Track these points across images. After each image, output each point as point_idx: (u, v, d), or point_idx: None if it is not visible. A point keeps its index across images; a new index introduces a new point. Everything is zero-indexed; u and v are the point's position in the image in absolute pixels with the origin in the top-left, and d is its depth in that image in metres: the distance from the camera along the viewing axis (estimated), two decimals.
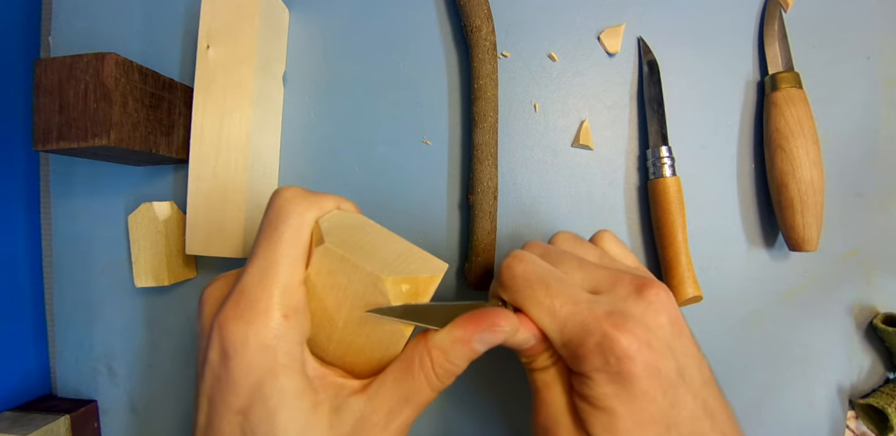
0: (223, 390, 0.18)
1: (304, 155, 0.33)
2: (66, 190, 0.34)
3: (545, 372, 0.21)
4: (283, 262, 0.18)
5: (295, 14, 0.33)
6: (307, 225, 0.19)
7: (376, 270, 0.18)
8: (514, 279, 0.20)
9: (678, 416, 0.17)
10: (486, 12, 0.30)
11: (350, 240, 0.19)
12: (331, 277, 0.19)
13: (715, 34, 0.32)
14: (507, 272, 0.21)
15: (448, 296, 0.32)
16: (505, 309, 0.20)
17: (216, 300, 0.20)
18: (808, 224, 0.29)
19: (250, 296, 0.18)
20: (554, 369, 0.21)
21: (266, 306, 0.18)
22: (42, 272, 0.35)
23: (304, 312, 0.19)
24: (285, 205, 0.19)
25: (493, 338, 0.19)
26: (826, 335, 0.32)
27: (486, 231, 0.30)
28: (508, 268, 0.21)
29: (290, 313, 0.18)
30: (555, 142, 0.32)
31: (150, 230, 0.31)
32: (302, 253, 0.19)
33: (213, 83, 0.29)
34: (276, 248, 0.18)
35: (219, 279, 0.21)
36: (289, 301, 0.18)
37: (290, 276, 0.18)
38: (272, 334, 0.17)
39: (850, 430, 0.33)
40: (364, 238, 0.20)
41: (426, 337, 0.20)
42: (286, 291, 0.18)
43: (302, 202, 0.19)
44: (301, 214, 0.19)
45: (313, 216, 0.19)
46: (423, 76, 0.33)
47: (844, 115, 0.32)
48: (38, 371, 0.34)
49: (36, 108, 0.26)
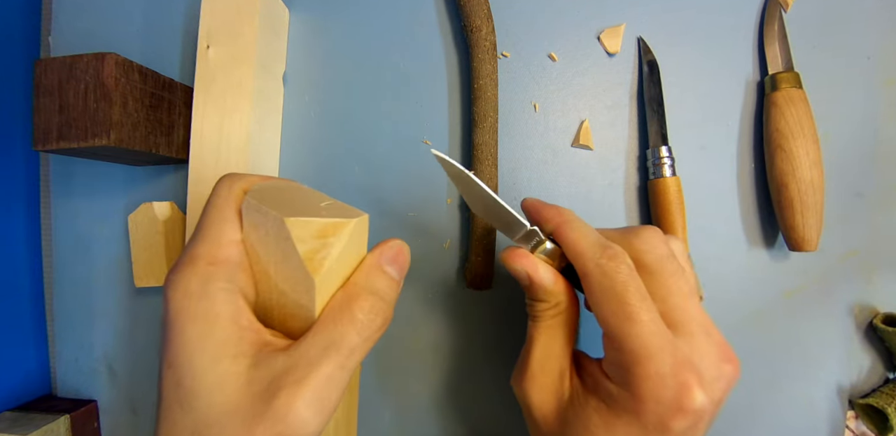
0: (161, 347, 0.18)
1: (304, 155, 0.33)
2: (66, 190, 0.34)
3: (551, 320, 0.22)
4: (210, 225, 0.19)
5: (295, 14, 0.33)
6: (235, 194, 0.20)
7: (281, 213, 0.18)
8: (618, 274, 0.19)
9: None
10: (486, 12, 0.30)
11: (272, 195, 0.19)
12: (255, 231, 0.19)
13: (715, 34, 0.32)
14: (614, 265, 0.19)
15: (448, 296, 0.32)
16: (520, 249, 0.22)
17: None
18: (808, 224, 0.29)
19: (182, 255, 0.19)
20: (560, 319, 0.22)
21: (191, 257, 0.18)
22: (42, 272, 0.35)
23: (235, 265, 0.19)
24: (217, 183, 0.20)
25: (403, 262, 0.20)
26: (826, 335, 0.32)
27: (486, 231, 0.30)
28: (620, 262, 0.19)
29: (214, 262, 0.18)
30: (555, 142, 0.32)
31: (150, 230, 0.31)
32: (231, 216, 0.19)
33: (213, 83, 0.29)
34: (206, 215, 0.20)
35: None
36: (215, 252, 0.19)
37: (218, 234, 0.19)
38: (198, 280, 0.18)
39: (849, 430, 0.33)
40: (287, 195, 0.20)
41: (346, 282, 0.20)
42: (212, 244, 0.19)
43: (230, 177, 0.20)
44: (229, 187, 0.20)
45: (241, 187, 0.20)
46: (423, 76, 0.33)
47: (844, 115, 0.32)
48: (38, 371, 0.34)
49: (36, 108, 0.26)
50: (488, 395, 0.32)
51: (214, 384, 0.17)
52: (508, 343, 0.32)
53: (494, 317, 0.32)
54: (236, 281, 0.19)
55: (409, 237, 0.32)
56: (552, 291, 0.22)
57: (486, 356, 0.32)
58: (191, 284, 0.18)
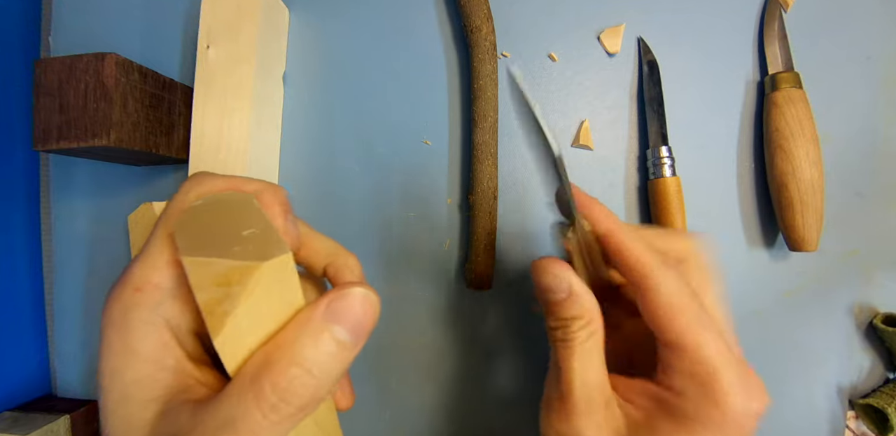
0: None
1: (304, 155, 0.33)
2: (66, 190, 0.34)
3: (588, 341, 0.19)
4: (152, 242, 0.17)
5: (295, 14, 0.33)
6: (187, 204, 0.18)
7: (187, 246, 0.15)
8: (688, 285, 0.19)
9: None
10: (486, 12, 0.30)
11: (202, 218, 0.17)
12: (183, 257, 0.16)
13: (715, 34, 0.32)
14: (680, 276, 0.19)
15: (448, 296, 0.32)
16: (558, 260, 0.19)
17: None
18: (808, 224, 0.29)
19: (120, 275, 0.17)
20: (596, 338, 0.19)
21: (122, 281, 0.16)
22: (42, 272, 0.35)
23: (167, 291, 0.16)
24: (179, 187, 0.18)
25: (361, 319, 0.15)
26: (826, 335, 0.32)
27: (487, 231, 0.30)
28: (682, 273, 0.19)
29: (143, 287, 0.16)
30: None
31: (150, 230, 0.31)
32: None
33: (213, 83, 0.29)
34: (154, 231, 0.18)
35: None
36: (148, 276, 0.16)
37: (158, 253, 0.17)
38: (119, 308, 0.16)
39: (850, 430, 0.33)
40: (220, 217, 0.17)
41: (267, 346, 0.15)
42: (148, 266, 0.16)
43: (191, 180, 0.18)
44: (184, 194, 0.18)
45: (197, 195, 0.18)
46: (423, 76, 0.33)
47: (844, 115, 0.32)
48: (38, 371, 0.34)
49: (36, 108, 0.26)
50: (488, 395, 0.32)
51: (120, 427, 0.15)
52: (508, 343, 0.32)
53: (494, 317, 0.32)
54: (164, 311, 0.16)
55: (408, 237, 0.32)
56: (589, 306, 0.19)
57: (487, 356, 0.32)
58: (113, 313, 0.16)
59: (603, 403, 0.19)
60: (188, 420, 0.14)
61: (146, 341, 0.16)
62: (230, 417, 0.14)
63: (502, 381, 0.32)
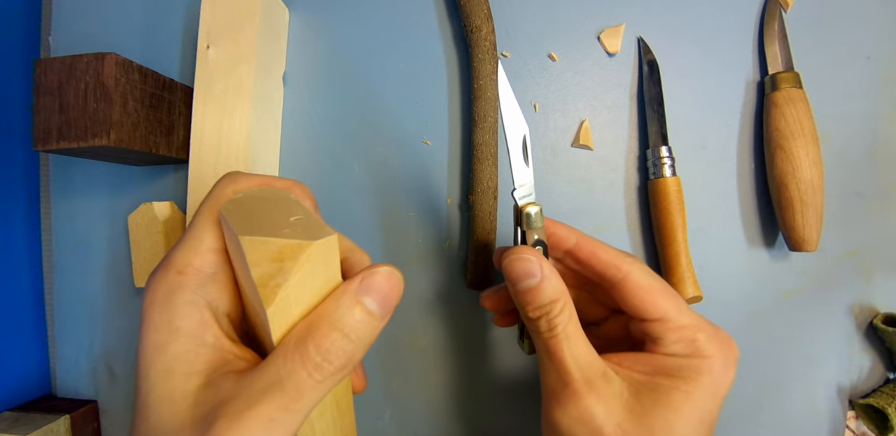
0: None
1: (304, 155, 0.33)
2: (66, 190, 0.34)
3: (568, 322, 0.21)
4: (193, 229, 0.18)
5: (295, 14, 0.33)
6: (226, 197, 0.19)
7: (241, 229, 0.16)
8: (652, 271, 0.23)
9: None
10: (486, 12, 0.30)
11: (248, 206, 0.18)
12: (229, 243, 0.18)
13: (715, 34, 0.32)
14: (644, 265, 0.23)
15: (448, 296, 0.32)
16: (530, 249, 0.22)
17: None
18: (808, 224, 0.29)
19: (162, 259, 0.18)
20: (575, 318, 0.21)
21: (165, 264, 0.18)
22: (42, 272, 0.35)
23: (208, 275, 0.18)
24: (216, 183, 0.20)
25: (388, 293, 0.17)
26: (826, 335, 0.32)
27: (486, 231, 0.30)
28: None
29: (185, 271, 0.17)
30: (555, 142, 0.32)
31: (150, 230, 0.31)
32: (215, 222, 0.19)
33: (213, 83, 0.29)
34: (194, 218, 0.19)
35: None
36: (189, 260, 0.18)
37: (198, 240, 0.18)
38: (164, 289, 0.17)
39: (850, 430, 0.33)
40: (264, 206, 0.18)
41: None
42: (189, 251, 0.18)
43: (228, 177, 0.20)
44: (222, 188, 0.19)
45: (234, 190, 0.19)
46: (423, 76, 0.33)
47: (844, 115, 0.32)
48: (38, 371, 0.34)
49: (36, 108, 0.26)
50: (488, 395, 0.32)
51: (164, 400, 0.16)
52: (508, 343, 0.32)
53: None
54: (205, 293, 0.18)
55: (408, 237, 0.32)
56: (561, 287, 0.21)
57: (487, 356, 0.32)
58: (157, 293, 0.17)
59: (601, 375, 0.20)
60: (231, 387, 0.16)
61: (188, 319, 0.17)
62: (277, 377, 0.16)
63: (503, 381, 0.32)
